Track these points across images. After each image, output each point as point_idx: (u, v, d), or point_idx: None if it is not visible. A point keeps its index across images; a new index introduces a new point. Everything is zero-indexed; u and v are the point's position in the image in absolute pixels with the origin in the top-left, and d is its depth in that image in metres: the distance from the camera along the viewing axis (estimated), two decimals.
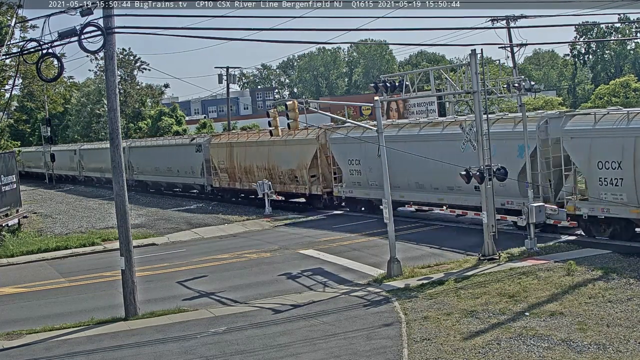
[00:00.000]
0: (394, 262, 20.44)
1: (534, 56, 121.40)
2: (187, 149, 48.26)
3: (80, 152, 68.31)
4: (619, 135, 21.61)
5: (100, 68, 76.36)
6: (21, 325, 18.35)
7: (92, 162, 65.05)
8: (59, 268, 26.74)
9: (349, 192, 33.94)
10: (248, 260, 25.11)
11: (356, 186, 33.47)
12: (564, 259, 20.25)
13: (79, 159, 68.73)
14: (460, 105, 52.76)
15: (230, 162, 42.87)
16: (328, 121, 46.31)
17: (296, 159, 37.13)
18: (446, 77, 24.65)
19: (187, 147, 48.44)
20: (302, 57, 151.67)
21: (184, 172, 48.83)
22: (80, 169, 68.79)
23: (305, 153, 36.52)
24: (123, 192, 18.72)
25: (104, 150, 63.45)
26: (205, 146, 45.75)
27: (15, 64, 37.96)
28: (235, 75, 73.07)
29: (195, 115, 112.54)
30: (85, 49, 17.08)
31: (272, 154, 39.15)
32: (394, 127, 31.45)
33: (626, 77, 62.05)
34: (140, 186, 56.11)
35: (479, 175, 21.01)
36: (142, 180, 56.08)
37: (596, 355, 12.82)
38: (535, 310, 15.75)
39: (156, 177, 53.92)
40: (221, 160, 43.80)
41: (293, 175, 37.57)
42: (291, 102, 22.79)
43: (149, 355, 15.22)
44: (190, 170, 47.93)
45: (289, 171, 37.78)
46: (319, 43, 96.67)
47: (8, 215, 35.81)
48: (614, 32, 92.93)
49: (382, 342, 14.58)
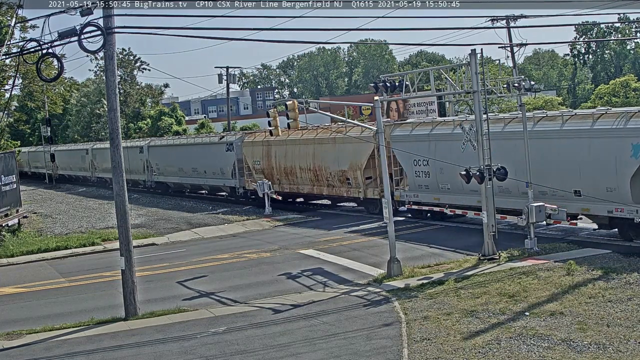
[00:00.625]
0: (394, 262, 20.44)
1: (534, 56, 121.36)
2: (216, 148, 44.49)
3: (92, 151, 64.22)
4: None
5: (100, 68, 76.40)
6: (21, 325, 18.35)
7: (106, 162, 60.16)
8: (59, 268, 26.74)
9: (413, 196, 30.25)
10: (248, 260, 25.11)
11: (423, 190, 29.80)
12: (564, 259, 20.25)
13: (91, 159, 64.82)
14: (460, 105, 52.78)
15: (267, 162, 39.18)
16: (328, 121, 46.30)
17: (348, 158, 33.29)
18: (446, 77, 24.64)
19: (216, 146, 44.65)
20: (302, 57, 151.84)
21: (212, 173, 45.08)
22: (92, 169, 65.10)
23: (359, 152, 32.35)
24: (123, 192, 18.73)
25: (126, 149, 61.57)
26: (237, 145, 42.07)
27: (15, 64, 37.96)
28: (235, 75, 73.09)
29: (195, 115, 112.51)
30: (85, 49, 17.09)
31: (318, 153, 35.49)
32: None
33: (626, 77, 62.01)
34: (159, 188, 53.38)
35: (479, 175, 21.02)
36: (162, 182, 52.80)
37: (596, 355, 12.82)
38: (535, 310, 15.74)
39: (179, 179, 50.35)
40: (256, 160, 40.14)
41: (344, 177, 33.85)
42: (291, 102, 22.81)
43: (149, 355, 15.22)
44: (219, 171, 44.17)
45: (339, 172, 34.04)
46: (319, 43, 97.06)
47: (8, 215, 35.81)
48: (614, 32, 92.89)
49: (382, 342, 14.57)
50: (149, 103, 79.00)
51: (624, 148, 21.41)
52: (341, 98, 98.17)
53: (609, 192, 21.87)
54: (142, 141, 58.10)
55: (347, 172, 33.57)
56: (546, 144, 23.86)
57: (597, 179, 22.28)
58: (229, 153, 42.95)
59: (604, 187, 21.95)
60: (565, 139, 23.48)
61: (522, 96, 24.03)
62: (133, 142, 59.94)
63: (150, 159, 53.32)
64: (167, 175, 51.88)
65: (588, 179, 22.63)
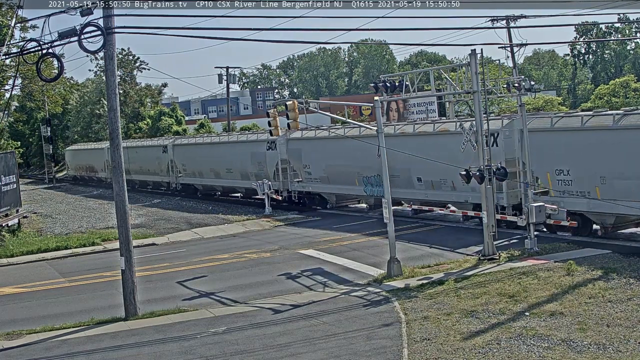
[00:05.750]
0: (394, 262, 20.44)
1: (534, 56, 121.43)
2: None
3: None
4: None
5: (100, 68, 76.39)
6: (21, 325, 18.34)
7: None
8: (59, 268, 26.74)
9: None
10: (248, 260, 25.11)
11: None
12: (564, 259, 20.25)
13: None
14: (460, 105, 52.80)
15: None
16: (328, 121, 46.25)
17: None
18: (446, 77, 24.66)
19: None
20: (302, 57, 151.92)
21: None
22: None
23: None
24: (123, 192, 18.73)
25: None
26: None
27: (15, 64, 37.96)
28: (235, 75, 73.19)
29: (195, 115, 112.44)
30: (85, 49, 17.08)
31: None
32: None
33: (626, 77, 62.04)
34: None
35: (479, 175, 21.02)
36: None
37: (596, 355, 12.82)
38: (535, 310, 15.74)
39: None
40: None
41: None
42: (291, 102, 22.80)
43: (149, 355, 15.22)
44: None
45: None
46: (319, 43, 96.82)
47: (8, 215, 35.83)
48: (614, 32, 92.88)
49: (382, 342, 14.57)
50: (149, 103, 78.94)
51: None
52: (341, 98, 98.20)
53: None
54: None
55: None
56: None
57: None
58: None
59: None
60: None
61: (522, 96, 24.04)
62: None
63: (175, 159, 49.58)
64: (196, 177, 47.80)
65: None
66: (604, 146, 22.48)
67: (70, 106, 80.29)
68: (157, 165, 52.40)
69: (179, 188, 50.30)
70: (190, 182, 48.80)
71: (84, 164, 69.99)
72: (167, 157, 51.00)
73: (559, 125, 24.30)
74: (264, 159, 39.85)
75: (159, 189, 53.86)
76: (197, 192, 48.68)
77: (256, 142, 40.98)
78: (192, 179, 48.42)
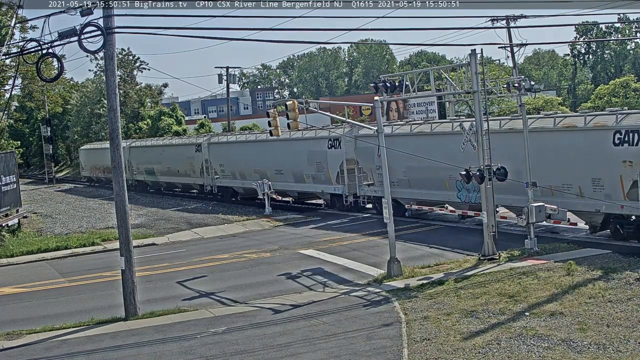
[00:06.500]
0: (394, 262, 20.43)
1: (534, 56, 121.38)
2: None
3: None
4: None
5: (100, 68, 76.35)
6: (21, 325, 18.34)
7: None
8: (59, 268, 26.74)
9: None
10: (248, 260, 25.11)
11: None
12: (564, 259, 20.24)
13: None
14: (460, 105, 52.79)
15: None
16: (328, 121, 46.18)
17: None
18: (446, 77, 24.64)
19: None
20: (302, 57, 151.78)
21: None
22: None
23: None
24: (123, 192, 18.72)
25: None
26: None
27: (15, 64, 37.97)
28: (235, 75, 73.20)
29: (195, 115, 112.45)
30: (85, 49, 17.09)
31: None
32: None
33: (626, 77, 62.04)
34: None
35: (479, 175, 21.02)
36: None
37: (596, 355, 12.82)
38: (535, 310, 15.74)
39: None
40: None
41: None
42: (291, 102, 22.81)
43: (149, 355, 15.22)
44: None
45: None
46: (319, 43, 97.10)
47: (8, 215, 35.83)
48: (614, 32, 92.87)
49: (382, 342, 14.57)
50: (149, 103, 78.90)
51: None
52: (341, 98, 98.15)
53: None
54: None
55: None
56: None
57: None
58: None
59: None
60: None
61: (522, 96, 24.02)
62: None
63: (211, 159, 44.98)
64: (236, 179, 42.86)
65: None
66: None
67: (70, 106, 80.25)
68: (189, 166, 47.79)
69: (214, 191, 45.24)
70: (229, 184, 43.71)
71: (101, 164, 62.30)
72: (202, 156, 46.02)
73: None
74: (325, 158, 35.23)
75: (189, 191, 49.61)
76: (237, 196, 43.71)
77: (315, 139, 36.13)
78: (231, 181, 43.42)
